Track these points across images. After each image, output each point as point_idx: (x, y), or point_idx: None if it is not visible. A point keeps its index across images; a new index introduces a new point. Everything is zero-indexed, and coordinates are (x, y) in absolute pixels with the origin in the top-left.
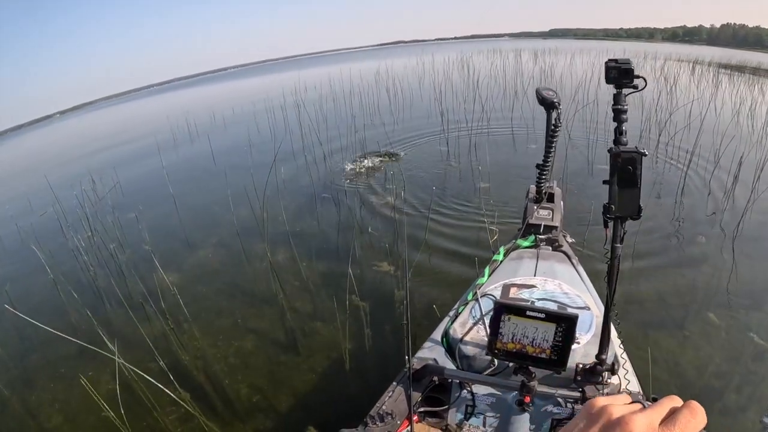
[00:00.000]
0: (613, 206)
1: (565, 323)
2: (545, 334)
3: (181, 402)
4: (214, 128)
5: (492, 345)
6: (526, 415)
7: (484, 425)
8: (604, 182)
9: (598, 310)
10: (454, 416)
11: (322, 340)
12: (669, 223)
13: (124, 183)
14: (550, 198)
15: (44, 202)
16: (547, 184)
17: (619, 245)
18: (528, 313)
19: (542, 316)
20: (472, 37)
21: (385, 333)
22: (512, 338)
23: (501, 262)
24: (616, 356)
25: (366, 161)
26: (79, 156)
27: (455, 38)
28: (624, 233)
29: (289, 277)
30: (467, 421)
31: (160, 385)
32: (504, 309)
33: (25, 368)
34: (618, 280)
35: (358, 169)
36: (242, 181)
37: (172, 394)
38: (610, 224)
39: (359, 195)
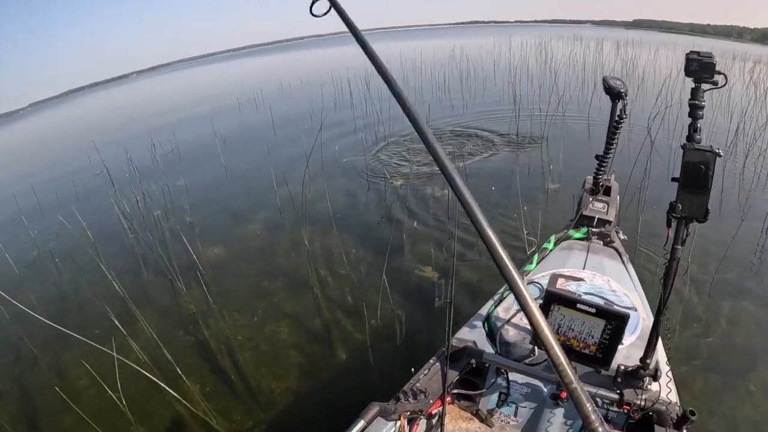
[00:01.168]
0: (679, 206)
1: (615, 321)
2: (592, 329)
3: (207, 376)
4: (281, 97)
5: (536, 336)
6: (560, 411)
7: (515, 415)
8: (673, 179)
9: (644, 312)
10: (486, 402)
11: (356, 323)
12: (750, 254)
13: (181, 147)
14: (607, 191)
15: (103, 160)
16: (605, 177)
17: (679, 247)
18: (578, 306)
19: (593, 311)
20: (553, 21)
21: (421, 316)
22: (558, 329)
23: (550, 251)
24: (658, 363)
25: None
26: (146, 116)
27: (535, 21)
28: (687, 236)
29: (332, 260)
30: (499, 408)
31: (187, 360)
32: (555, 298)
33: (61, 326)
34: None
35: (414, 154)
36: (297, 156)
37: (197, 371)
38: (673, 224)
39: (414, 177)
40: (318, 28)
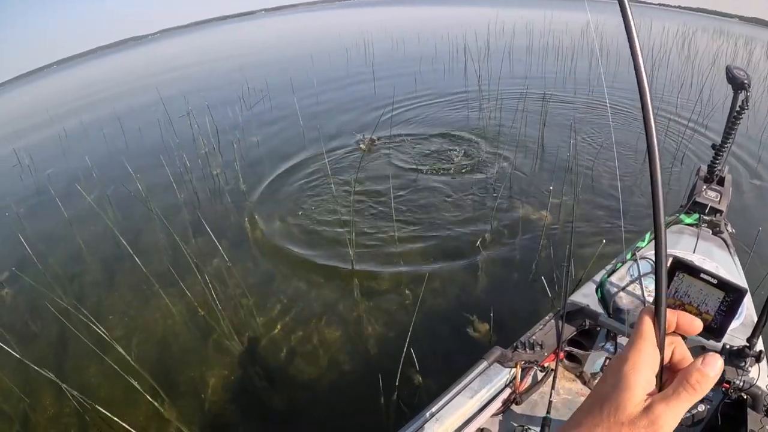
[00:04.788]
0: None
1: (733, 294)
2: (708, 299)
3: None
4: (390, 54)
5: None
6: None
7: None
8: None
9: (750, 302)
10: (591, 364)
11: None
12: None
13: (273, 98)
14: (720, 182)
15: (197, 102)
16: (720, 167)
17: None
18: (701, 275)
19: (714, 281)
20: (698, 9)
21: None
22: (674, 293)
23: None
24: (762, 348)
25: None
26: (248, 63)
27: (679, 7)
28: None
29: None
30: (602, 372)
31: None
32: (681, 265)
33: (112, 273)
34: None
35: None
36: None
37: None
38: None
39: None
40: None
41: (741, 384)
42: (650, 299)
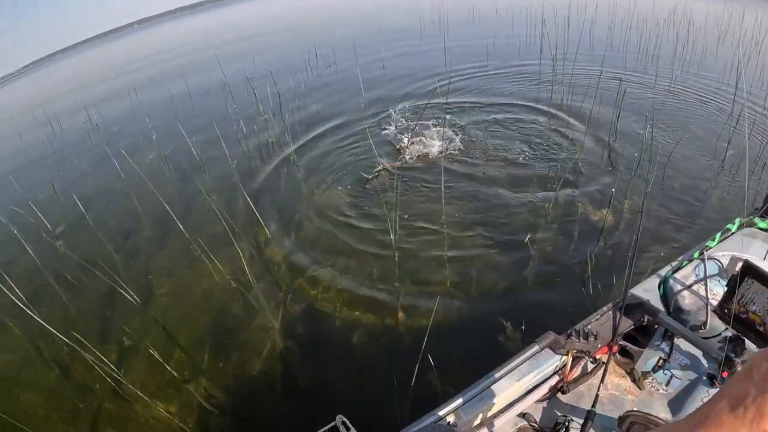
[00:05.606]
0: None
1: None
2: None
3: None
4: (464, 26)
5: (724, 304)
6: (714, 392)
7: (666, 384)
8: None
9: None
10: (643, 363)
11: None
12: None
13: (339, 66)
14: None
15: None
16: None
17: None
18: None
19: None
20: None
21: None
22: (740, 298)
23: (732, 233)
24: None
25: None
26: (319, 33)
27: None
28: None
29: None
30: (653, 373)
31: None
32: (750, 271)
33: (163, 234)
34: None
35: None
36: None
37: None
38: None
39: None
40: None
41: None
42: (714, 302)
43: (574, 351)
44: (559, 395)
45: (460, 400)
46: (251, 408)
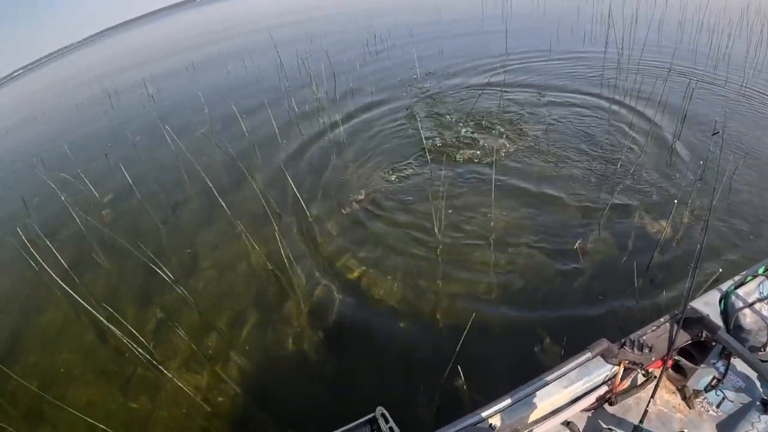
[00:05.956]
0: None
1: None
2: None
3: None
4: (527, 13)
5: None
6: (766, 419)
7: (717, 406)
8: None
9: None
10: (696, 380)
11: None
12: None
13: (396, 48)
14: None
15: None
16: None
17: None
18: None
19: None
20: None
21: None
22: None
23: None
24: None
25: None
26: (378, 15)
27: None
28: None
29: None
30: (705, 392)
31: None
32: None
33: (210, 208)
34: None
35: None
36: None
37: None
38: None
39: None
40: None
41: None
42: None
43: (627, 362)
44: (606, 406)
45: (505, 402)
46: (278, 390)
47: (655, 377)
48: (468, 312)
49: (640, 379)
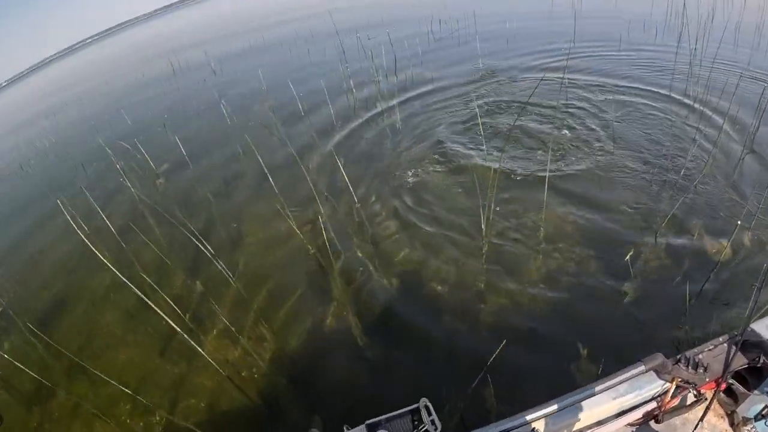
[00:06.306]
0: None
1: None
2: None
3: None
4: (600, 6)
5: None
6: None
7: None
8: None
9: None
10: (747, 407)
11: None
12: None
13: (461, 31)
14: None
15: None
16: None
17: None
18: None
19: None
20: None
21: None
22: None
23: None
24: None
25: None
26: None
27: None
28: None
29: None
30: (755, 422)
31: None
32: None
33: (260, 185)
34: None
35: None
36: None
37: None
38: None
39: None
40: None
41: None
42: None
43: (679, 379)
44: (652, 423)
45: (551, 408)
46: (309, 370)
47: (706, 399)
48: (507, 318)
49: (689, 398)
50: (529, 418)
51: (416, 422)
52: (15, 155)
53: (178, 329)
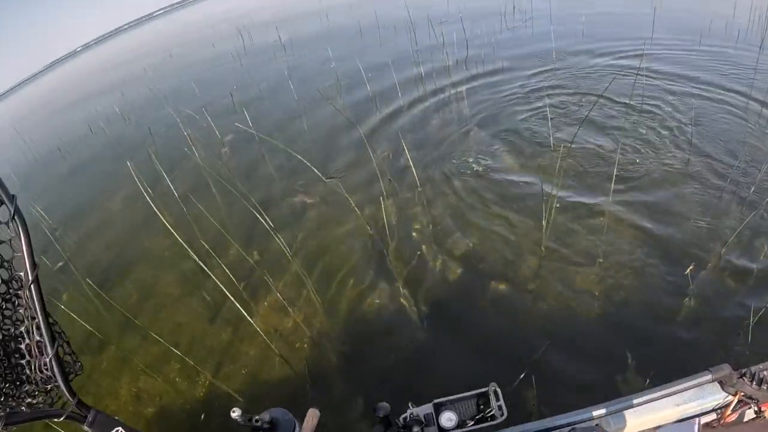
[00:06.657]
0: None
1: None
2: None
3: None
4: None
5: None
6: None
7: None
8: None
9: None
10: None
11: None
12: None
13: (536, 18)
14: None
15: None
16: None
17: None
18: None
19: None
20: None
21: None
22: None
23: None
24: None
25: None
26: None
27: None
28: None
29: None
30: None
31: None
32: None
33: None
34: None
35: None
36: None
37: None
38: None
39: None
40: None
41: None
42: None
43: (742, 393)
44: None
45: (614, 407)
46: (355, 350)
47: (766, 418)
48: (557, 320)
49: (748, 415)
50: (585, 416)
51: (482, 406)
52: (90, 117)
53: (230, 296)
